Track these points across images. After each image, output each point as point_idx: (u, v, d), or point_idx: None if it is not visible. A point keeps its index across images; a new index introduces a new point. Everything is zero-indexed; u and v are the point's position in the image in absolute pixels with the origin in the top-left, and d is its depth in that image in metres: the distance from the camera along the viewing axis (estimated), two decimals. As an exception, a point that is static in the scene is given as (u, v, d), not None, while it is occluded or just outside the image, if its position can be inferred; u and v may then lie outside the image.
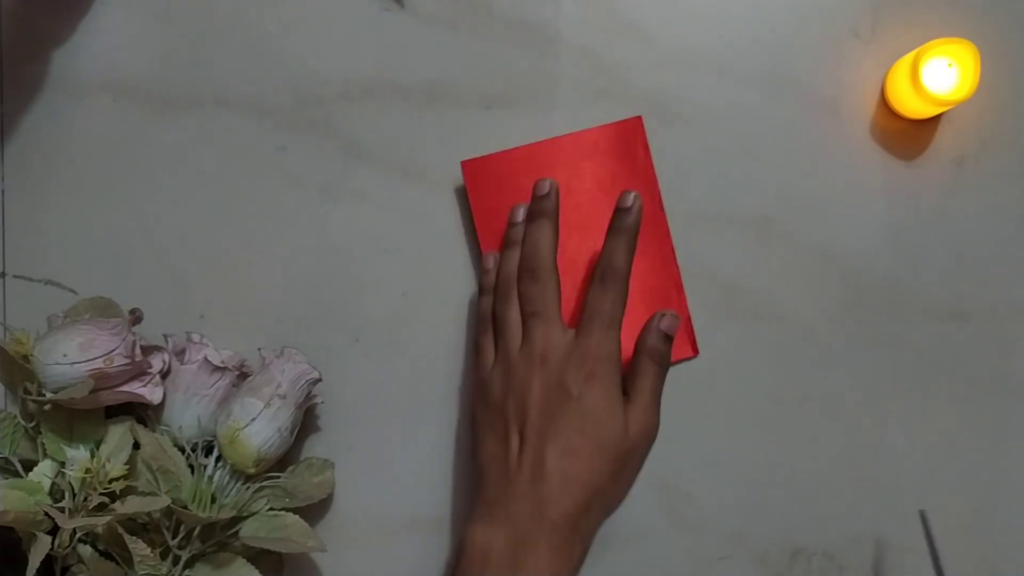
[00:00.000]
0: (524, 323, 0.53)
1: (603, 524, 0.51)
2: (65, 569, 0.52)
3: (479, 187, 0.58)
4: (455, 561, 0.50)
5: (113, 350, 0.51)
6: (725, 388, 0.58)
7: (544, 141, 0.58)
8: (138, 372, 0.53)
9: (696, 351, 0.58)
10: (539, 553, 0.48)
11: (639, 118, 0.58)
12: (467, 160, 0.58)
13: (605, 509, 0.51)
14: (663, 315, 0.54)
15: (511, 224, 0.56)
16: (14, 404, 0.56)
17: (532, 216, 0.55)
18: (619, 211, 0.53)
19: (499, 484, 0.50)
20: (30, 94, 0.59)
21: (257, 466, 0.53)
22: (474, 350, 0.56)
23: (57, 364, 0.50)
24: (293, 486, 0.54)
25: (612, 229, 0.53)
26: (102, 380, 0.51)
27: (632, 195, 0.52)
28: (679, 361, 0.58)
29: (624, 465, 0.51)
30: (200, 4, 0.59)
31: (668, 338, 0.53)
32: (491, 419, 0.52)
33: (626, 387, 0.52)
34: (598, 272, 0.52)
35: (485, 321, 0.55)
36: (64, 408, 0.52)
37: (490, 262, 0.56)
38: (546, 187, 0.54)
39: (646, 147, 0.58)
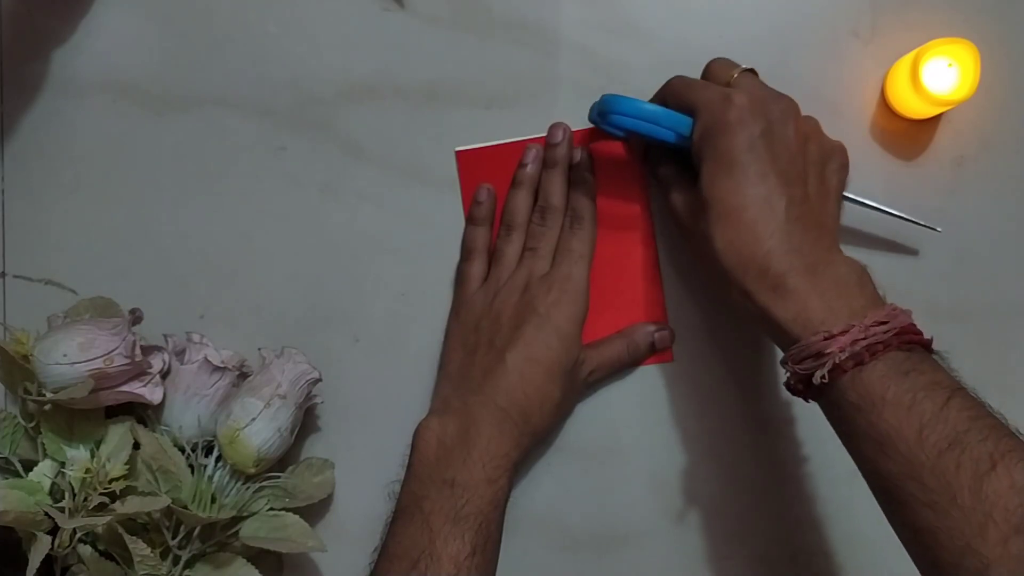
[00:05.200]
0: (520, 255, 0.57)
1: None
2: (65, 569, 0.52)
3: (471, 177, 0.58)
4: (412, 450, 0.52)
5: (113, 350, 0.51)
6: (725, 388, 0.58)
7: (539, 137, 0.58)
8: (138, 372, 0.53)
9: (670, 358, 0.58)
10: (489, 434, 0.51)
11: None
12: (461, 150, 0.58)
13: (553, 418, 0.55)
14: (663, 328, 0.57)
15: (522, 165, 0.58)
16: (14, 404, 0.56)
17: (547, 163, 0.57)
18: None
19: (458, 383, 0.54)
20: (30, 94, 0.59)
21: (257, 466, 0.53)
22: (458, 277, 0.58)
23: (57, 364, 0.50)
24: (293, 486, 0.54)
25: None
26: (102, 380, 0.51)
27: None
28: (653, 364, 0.58)
29: (571, 388, 0.55)
30: (200, 4, 0.59)
31: (652, 346, 0.57)
32: (465, 334, 0.56)
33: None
34: (566, 220, 0.57)
35: (472, 251, 0.58)
36: (64, 408, 0.52)
37: (483, 194, 0.58)
38: (559, 135, 0.57)
39: (640, 151, 0.58)
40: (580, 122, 0.58)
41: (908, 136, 0.58)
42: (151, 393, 0.53)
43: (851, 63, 0.59)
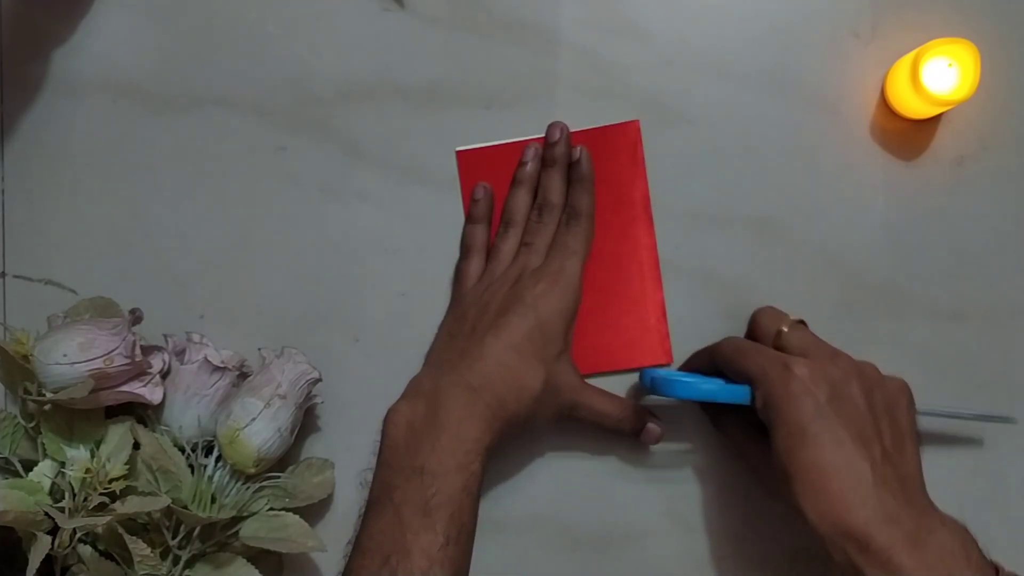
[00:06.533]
0: (516, 252, 0.56)
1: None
2: (65, 569, 0.52)
3: (471, 177, 0.58)
4: (382, 437, 0.51)
5: (113, 350, 0.51)
6: (725, 388, 0.58)
7: (540, 137, 0.58)
8: (138, 372, 0.53)
9: (670, 359, 0.58)
10: (458, 416, 0.50)
11: (636, 122, 0.58)
12: (462, 150, 0.58)
13: (531, 409, 0.52)
14: (656, 427, 0.56)
15: (521, 163, 0.58)
16: (14, 404, 0.56)
17: (545, 162, 0.57)
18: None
19: (434, 365, 0.54)
20: (30, 94, 0.59)
21: (257, 466, 0.53)
22: (456, 275, 0.58)
23: (57, 364, 0.50)
24: (293, 486, 0.54)
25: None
26: (102, 380, 0.51)
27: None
28: (654, 367, 0.58)
29: (554, 388, 0.53)
30: (200, 4, 0.59)
31: (637, 432, 0.56)
32: (451, 323, 0.55)
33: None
34: (564, 216, 0.56)
35: (471, 249, 0.57)
36: (64, 408, 0.52)
37: (480, 192, 0.58)
38: (556, 134, 0.57)
39: (641, 152, 0.58)
40: (580, 121, 0.58)
41: (908, 136, 0.58)
42: (151, 393, 0.53)
43: (851, 63, 0.59)
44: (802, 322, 0.53)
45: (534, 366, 0.52)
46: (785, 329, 0.52)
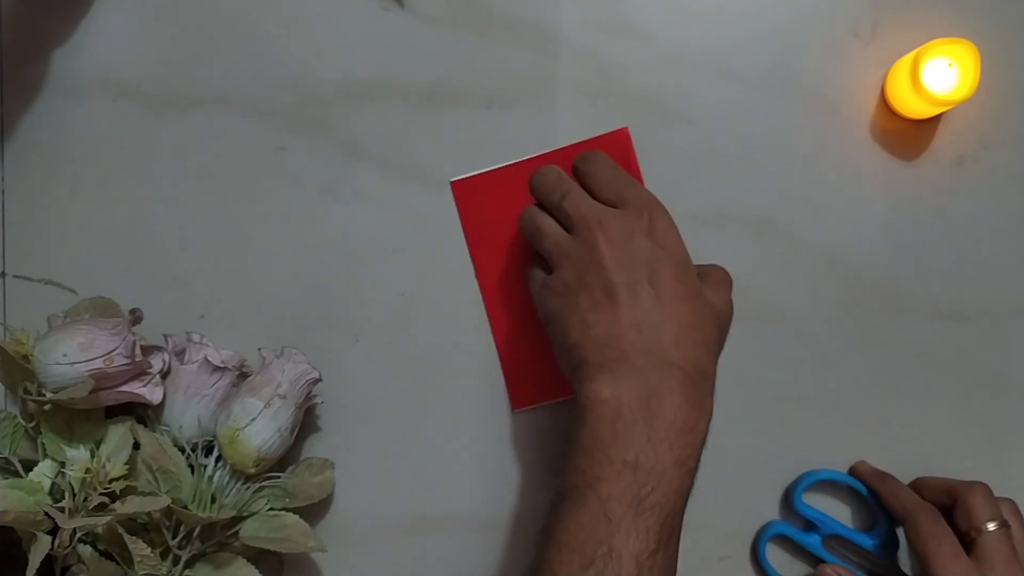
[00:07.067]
0: (562, 218, 0.50)
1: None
2: (65, 569, 0.52)
3: (469, 205, 0.58)
4: (579, 422, 0.46)
5: (113, 350, 0.51)
6: (725, 388, 0.58)
7: (532, 157, 0.58)
8: (138, 372, 0.53)
9: None
10: (675, 403, 0.45)
11: (626, 129, 0.58)
12: (456, 180, 0.58)
13: (719, 351, 0.49)
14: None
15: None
16: (14, 404, 0.56)
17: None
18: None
19: (609, 344, 0.47)
20: (30, 94, 0.59)
21: (257, 466, 0.53)
22: (528, 280, 0.53)
23: (57, 364, 0.50)
24: (293, 486, 0.54)
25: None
26: (102, 380, 0.51)
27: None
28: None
29: (720, 316, 0.50)
30: (200, 4, 0.59)
31: None
32: (571, 300, 0.48)
33: None
34: (575, 166, 0.51)
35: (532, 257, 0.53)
36: (64, 408, 0.52)
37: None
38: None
39: (634, 158, 0.58)
40: (580, 122, 0.58)
41: (908, 136, 0.58)
42: (151, 393, 0.53)
43: (851, 63, 0.59)
44: (1006, 525, 0.52)
45: (701, 305, 0.48)
46: (991, 528, 0.51)
